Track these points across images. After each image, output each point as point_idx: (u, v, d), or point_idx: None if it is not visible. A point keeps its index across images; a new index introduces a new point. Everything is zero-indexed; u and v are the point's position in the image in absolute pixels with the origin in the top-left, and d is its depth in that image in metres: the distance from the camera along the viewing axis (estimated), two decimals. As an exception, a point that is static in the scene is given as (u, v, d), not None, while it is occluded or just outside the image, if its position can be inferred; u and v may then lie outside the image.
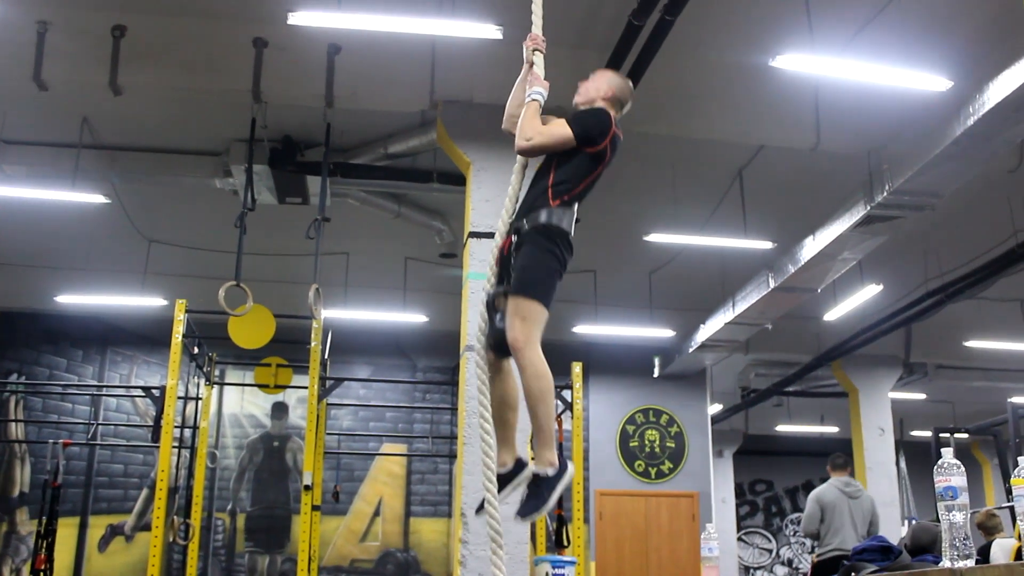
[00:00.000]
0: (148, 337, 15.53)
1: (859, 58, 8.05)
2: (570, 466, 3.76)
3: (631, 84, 4.46)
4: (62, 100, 9.15)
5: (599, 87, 4.33)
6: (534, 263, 3.86)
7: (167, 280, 13.31)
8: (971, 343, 16.05)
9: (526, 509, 3.73)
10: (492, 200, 8.26)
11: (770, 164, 10.49)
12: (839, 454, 9.57)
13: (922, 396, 19.54)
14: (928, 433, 14.02)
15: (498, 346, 3.88)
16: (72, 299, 14.30)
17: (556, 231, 3.90)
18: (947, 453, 3.40)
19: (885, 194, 9.30)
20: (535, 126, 4.03)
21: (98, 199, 10.49)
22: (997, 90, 7.62)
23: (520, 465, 3.86)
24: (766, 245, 11.73)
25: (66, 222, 11.73)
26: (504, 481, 3.81)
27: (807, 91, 9.01)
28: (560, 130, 4.03)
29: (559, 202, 3.95)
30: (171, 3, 8.24)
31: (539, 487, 3.72)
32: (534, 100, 4.09)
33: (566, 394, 11.29)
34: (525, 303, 3.76)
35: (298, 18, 7.19)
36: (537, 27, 4.25)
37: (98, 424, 14.53)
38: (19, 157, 10.16)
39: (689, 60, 8.61)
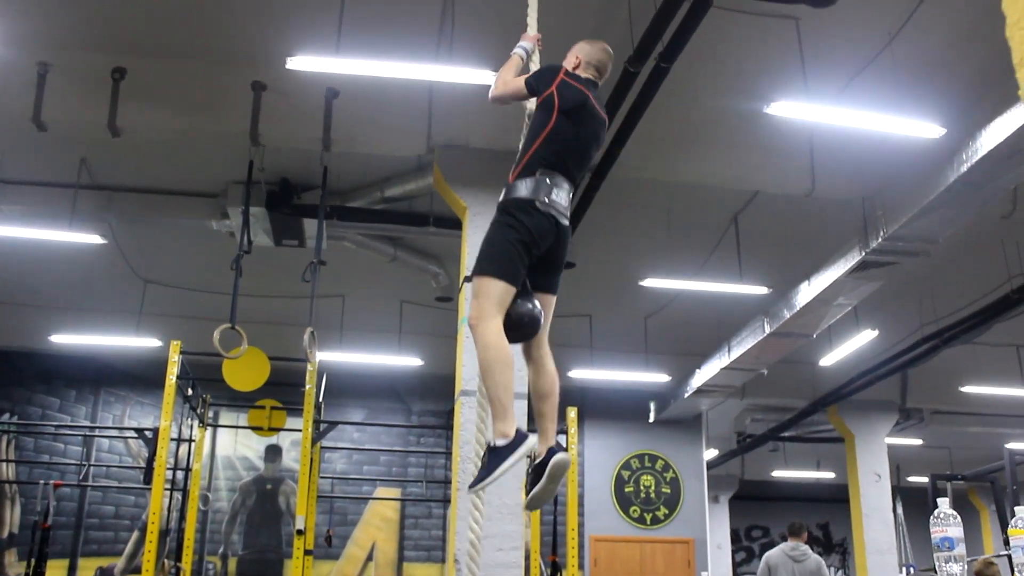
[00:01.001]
0: (142, 378, 15.48)
1: (853, 105, 8.11)
2: (529, 438, 3.62)
3: (603, 45, 4.51)
4: (61, 141, 9.18)
5: (568, 59, 4.42)
6: (485, 241, 3.94)
7: (162, 321, 13.29)
8: (967, 388, 16.02)
9: (473, 480, 3.66)
10: (488, 244, 8.25)
11: (765, 209, 10.53)
12: (796, 521, 10.20)
13: (919, 442, 19.49)
14: (925, 479, 13.96)
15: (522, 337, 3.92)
16: (67, 339, 14.27)
17: (510, 203, 3.92)
18: (943, 503, 3.38)
19: (880, 240, 9.34)
20: (504, 77, 4.26)
21: (95, 239, 10.49)
22: (989, 137, 7.68)
23: (550, 454, 3.74)
24: (761, 290, 11.74)
25: (62, 262, 11.73)
26: (536, 471, 3.74)
27: (802, 137, 9.06)
28: (517, 81, 4.21)
29: (515, 175, 4.00)
30: (171, 46, 8.29)
31: (489, 458, 3.62)
32: (515, 54, 4.30)
33: (561, 439, 11.23)
34: (476, 281, 3.83)
35: (296, 63, 7.23)
36: (532, 28, 4.54)
37: (90, 465, 14.45)
38: (16, 197, 10.17)
39: (684, 106, 8.66)
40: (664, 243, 11.29)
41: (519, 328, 3.82)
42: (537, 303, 3.90)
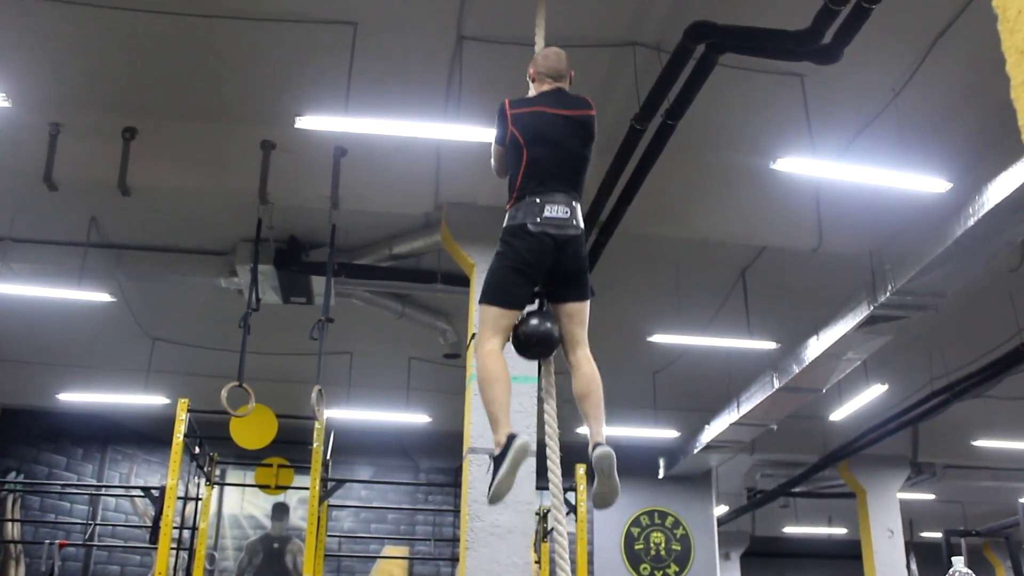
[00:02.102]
0: (149, 436, 15.43)
1: (859, 161, 8.15)
2: (518, 438, 3.74)
3: (552, 50, 4.63)
4: (71, 199, 9.24)
5: (527, 76, 4.64)
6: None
7: (170, 378, 13.28)
8: (979, 442, 15.90)
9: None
10: (496, 301, 8.25)
11: (773, 264, 10.54)
12: None
13: (931, 496, 19.30)
14: (939, 534, 13.81)
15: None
16: (74, 397, 14.25)
17: (505, 230, 4.09)
18: (958, 561, 3.35)
19: (888, 294, 9.32)
20: (493, 150, 4.54)
21: (103, 297, 10.53)
22: (995, 191, 7.70)
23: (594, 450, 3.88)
24: (770, 345, 11.71)
25: (71, 320, 11.76)
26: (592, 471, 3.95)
27: (808, 192, 9.10)
28: (496, 147, 4.47)
29: (509, 206, 4.15)
30: (181, 105, 8.39)
31: (492, 467, 3.79)
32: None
33: (570, 496, 11.14)
34: (477, 308, 4.11)
35: (305, 122, 7.30)
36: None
37: (96, 524, 14.35)
38: (26, 255, 10.23)
39: (691, 162, 8.71)
40: (672, 299, 11.29)
41: (529, 347, 4.01)
42: (549, 321, 4.02)
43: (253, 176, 8.47)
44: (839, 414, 14.26)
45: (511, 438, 3.74)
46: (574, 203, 4.09)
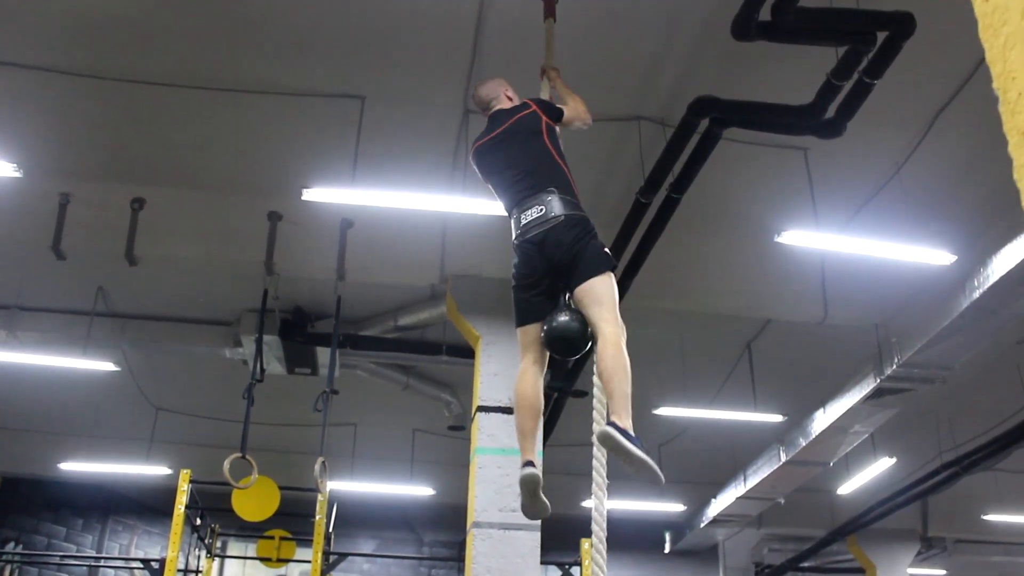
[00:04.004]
0: (151, 507, 15.30)
1: (863, 233, 8.17)
2: (521, 472, 3.97)
3: (477, 85, 5.04)
4: (78, 268, 9.29)
5: None
6: None
7: (173, 448, 13.20)
8: (990, 517, 15.70)
9: None
10: (501, 374, 8.24)
11: (778, 337, 10.52)
12: None
13: (942, 572, 18.98)
14: (951, 612, 13.59)
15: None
16: (76, 466, 14.16)
17: None
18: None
19: (895, 366, 9.28)
20: None
21: (108, 366, 10.53)
22: (1000, 263, 7.71)
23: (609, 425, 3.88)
24: (776, 418, 11.64)
25: (75, 389, 11.74)
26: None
27: (813, 265, 9.11)
28: None
29: None
30: (190, 177, 8.46)
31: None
32: None
33: (575, 571, 11.00)
34: None
35: (312, 194, 7.34)
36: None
37: (95, 597, 14.16)
38: (33, 324, 10.25)
39: (696, 235, 8.74)
40: (677, 371, 11.25)
41: (552, 347, 4.12)
42: (561, 315, 4.06)
43: (259, 247, 8.51)
44: (847, 487, 14.11)
45: (522, 467, 3.92)
46: (547, 197, 4.18)
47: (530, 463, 3.96)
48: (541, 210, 4.15)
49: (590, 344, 4.03)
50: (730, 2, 5.71)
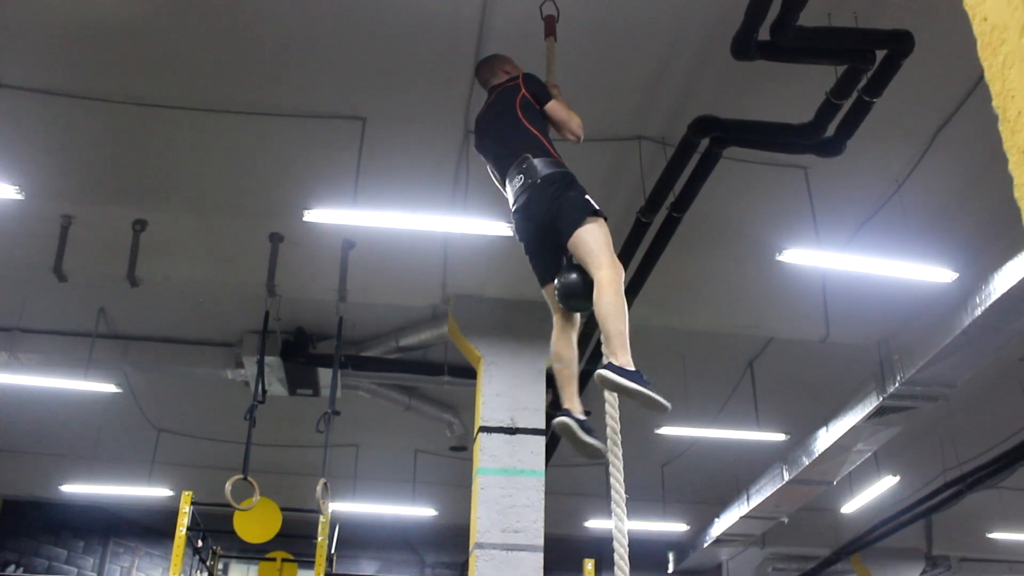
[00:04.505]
0: (152, 528, 15.25)
1: (864, 251, 8.16)
2: (556, 419, 4.06)
3: (478, 63, 5.23)
4: (80, 290, 9.29)
5: None
6: None
7: (174, 470, 13.17)
8: (995, 535, 15.63)
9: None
10: (503, 394, 8.23)
11: (780, 356, 10.51)
12: None
13: (947, 591, 18.90)
14: (956, 632, 13.51)
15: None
16: (77, 488, 14.12)
17: None
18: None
19: (897, 384, 9.27)
20: None
21: (110, 388, 10.52)
22: (1002, 281, 7.71)
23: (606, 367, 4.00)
24: (779, 437, 11.61)
25: (77, 411, 11.73)
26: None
27: (814, 283, 9.10)
28: None
29: None
30: (191, 199, 8.47)
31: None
32: None
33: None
34: None
35: (314, 215, 7.35)
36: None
37: (95, 620, 14.10)
38: (34, 345, 10.25)
39: (697, 254, 8.74)
40: (679, 390, 11.20)
41: (563, 304, 4.15)
42: (562, 273, 4.11)
43: (261, 268, 8.52)
44: (851, 506, 14.06)
45: (558, 412, 4.02)
46: (524, 164, 4.27)
47: (566, 412, 4.03)
48: (521, 177, 4.26)
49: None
50: (729, 22, 5.73)
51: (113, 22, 6.63)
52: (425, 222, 7.59)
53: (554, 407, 9.79)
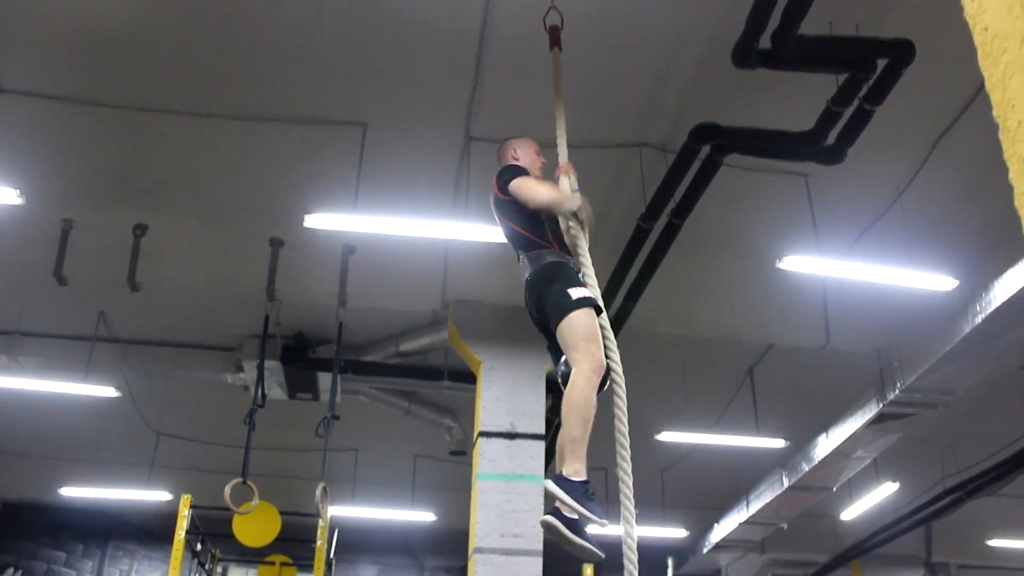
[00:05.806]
0: (151, 532, 15.24)
1: (865, 259, 8.16)
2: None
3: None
4: (80, 294, 9.29)
5: None
6: None
7: (173, 474, 13.17)
8: (995, 542, 15.62)
9: None
10: (502, 399, 8.24)
11: (780, 362, 10.50)
12: None
13: (947, 599, 18.88)
14: (956, 639, 13.50)
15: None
16: (77, 491, 14.11)
17: None
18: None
19: (897, 391, 9.27)
20: None
21: (109, 392, 10.52)
22: (1003, 289, 7.70)
23: None
24: (779, 443, 11.61)
25: (76, 414, 11.72)
26: None
27: (815, 291, 9.10)
28: None
29: None
30: (192, 204, 8.47)
31: None
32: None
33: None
34: None
35: (314, 220, 7.35)
36: (563, 156, 4.65)
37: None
38: (34, 349, 10.25)
39: (697, 261, 8.74)
40: (679, 396, 11.22)
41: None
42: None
43: (261, 273, 8.52)
44: (850, 513, 14.05)
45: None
46: (520, 263, 4.33)
47: (559, 478, 3.90)
48: (527, 272, 4.27)
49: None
50: (730, 30, 5.74)
51: (115, 28, 6.63)
52: (425, 228, 7.59)
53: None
